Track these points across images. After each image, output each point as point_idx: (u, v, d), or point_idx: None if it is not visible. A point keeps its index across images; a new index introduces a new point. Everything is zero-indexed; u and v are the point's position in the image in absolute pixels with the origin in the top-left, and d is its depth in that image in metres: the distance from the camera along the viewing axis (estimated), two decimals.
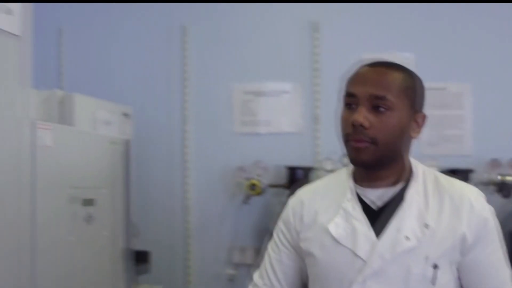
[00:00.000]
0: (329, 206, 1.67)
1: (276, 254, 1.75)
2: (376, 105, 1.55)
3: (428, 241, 1.55)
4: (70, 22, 3.67)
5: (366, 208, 1.62)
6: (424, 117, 1.62)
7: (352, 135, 1.56)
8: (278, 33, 3.52)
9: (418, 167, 1.66)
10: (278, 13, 3.51)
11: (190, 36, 3.55)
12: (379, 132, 1.55)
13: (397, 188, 1.62)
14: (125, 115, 3.15)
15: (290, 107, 3.48)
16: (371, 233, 1.58)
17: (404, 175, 1.63)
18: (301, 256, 1.70)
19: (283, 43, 3.50)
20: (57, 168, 2.29)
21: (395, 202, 1.61)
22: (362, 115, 1.55)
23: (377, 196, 1.62)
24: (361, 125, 1.54)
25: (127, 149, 2.91)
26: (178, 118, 3.55)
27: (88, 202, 2.55)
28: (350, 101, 1.58)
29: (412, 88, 1.60)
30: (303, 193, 1.76)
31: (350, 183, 1.66)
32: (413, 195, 1.61)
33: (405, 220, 1.57)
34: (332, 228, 1.62)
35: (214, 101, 3.54)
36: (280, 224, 1.76)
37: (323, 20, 3.46)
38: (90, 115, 2.86)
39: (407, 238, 1.55)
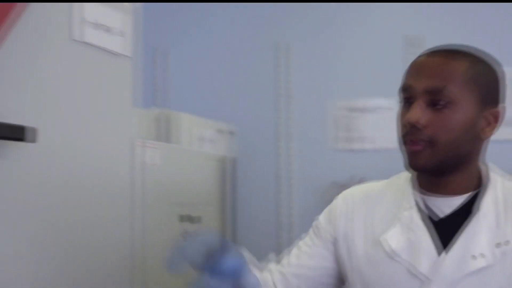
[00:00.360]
0: (384, 214, 1.42)
1: (308, 247, 1.51)
2: (435, 100, 1.31)
3: (508, 262, 1.29)
4: (175, 42, 3.74)
5: (428, 218, 1.37)
6: (500, 111, 1.35)
7: (408, 136, 1.34)
8: (382, 49, 3.48)
9: (496, 174, 1.41)
10: (382, 29, 3.47)
11: (294, 53, 3.55)
12: (438, 131, 1.30)
13: (468, 196, 1.37)
14: (230, 133, 3.18)
15: (395, 124, 3.43)
16: (435, 247, 1.33)
17: (476, 182, 1.38)
18: (339, 263, 1.46)
19: (387, 59, 3.45)
20: (165, 186, 2.33)
21: (465, 213, 1.35)
22: (418, 112, 1.31)
23: (442, 205, 1.37)
24: (416, 124, 1.31)
25: (232, 166, 2.93)
26: (283, 135, 3.55)
27: (195, 220, 2.58)
28: (406, 95, 1.36)
29: (482, 77, 1.34)
30: (356, 191, 1.51)
31: (410, 188, 1.41)
32: (490, 205, 1.35)
33: (478, 235, 1.32)
34: (387, 240, 1.36)
35: (318, 118, 3.52)
36: (323, 218, 1.51)
37: (426, 35, 3.39)
38: (196, 133, 2.90)
39: (481, 255, 1.29)
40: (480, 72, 1.34)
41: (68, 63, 1.50)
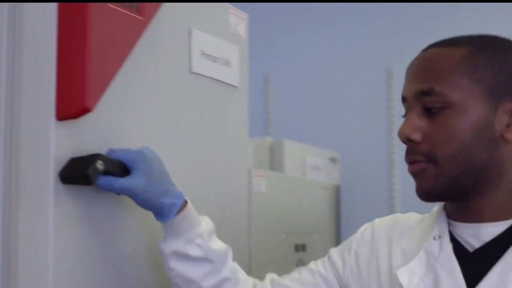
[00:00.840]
0: (409, 244, 1.18)
1: (315, 266, 1.32)
2: (427, 105, 1.07)
3: None
4: (277, 69, 3.76)
5: (458, 249, 1.11)
6: None
7: (406, 155, 1.11)
8: None
9: None
10: None
11: (396, 79, 3.51)
12: (435, 143, 1.06)
13: (506, 223, 1.08)
14: (333, 160, 3.16)
15: None
16: (462, 286, 1.07)
17: None
18: None
19: None
20: (270, 214, 2.33)
21: (502, 243, 1.07)
22: (409, 123, 1.08)
23: (473, 233, 1.10)
24: (408, 139, 1.08)
25: (336, 194, 2.91)
26: (385, 163, 3.50)
27: (300, 248, 2.57)
28: (405, 107, 1.14)
29: (488, 64, 1.06)
30: (382, 222, 1.29)
31: (440, 215, 1.15)
32: None
33: None
34: (402, 276, 1.12)
35: None
36: (336, 250, 1.34)
37: None
38: (299, 161, 2.89)
39: None
40: (484, 58, 1.07)
41: (186, 95, 1.52)
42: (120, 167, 1.21)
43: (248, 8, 1.81)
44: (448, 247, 1.11)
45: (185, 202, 1.26)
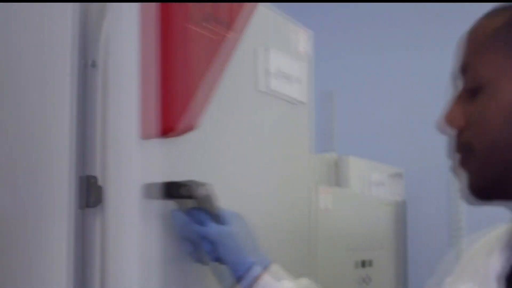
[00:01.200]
0: (474, 262, 1.00)
1: None
2: (466, 86, 0.90)
3: None
4: (341, 85, 3.77)
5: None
6: None
7: (448, 147, 0.95)
8: None
9: None
10: None
11: None
12: (473, 132, 0.88)
13: None
14: (398, 175, 3.14)
15: None
16: None
17: None
18: None
19: None
20: (336, 230, 2.34)
21: None
22: (452, 108, 0.92)
23: None
24: (450, 125, 0.93)
25: (402, 210, 2.89)
26: (449, 178, 3.46)
27: (366, 264, 2.57)
28: None
29: None
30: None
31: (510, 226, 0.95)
32: None
33: None
34: None
35: None
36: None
37: None
38: (363, 177, 2.89)
39: None
40: None
41: (260, 113, 1.55)
42: (216, 211, 1.22)
43: (314, 25, 1.83)
44: (496, 266, 0.94)
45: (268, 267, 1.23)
